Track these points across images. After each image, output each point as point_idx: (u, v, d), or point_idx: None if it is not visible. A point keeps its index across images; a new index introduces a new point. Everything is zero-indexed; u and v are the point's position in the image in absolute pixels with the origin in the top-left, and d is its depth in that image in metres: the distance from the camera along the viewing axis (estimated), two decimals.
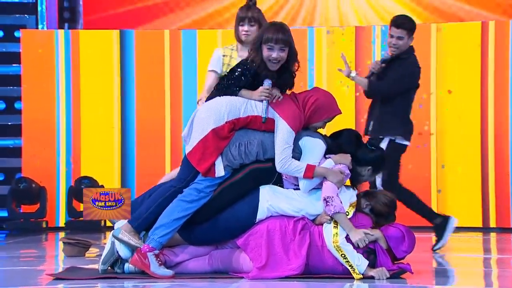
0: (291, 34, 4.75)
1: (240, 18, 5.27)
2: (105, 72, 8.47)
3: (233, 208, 4.70)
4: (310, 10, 8.92)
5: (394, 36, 6.00)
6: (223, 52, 5.36)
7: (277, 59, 4.70)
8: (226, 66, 5.29)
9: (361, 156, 4.85)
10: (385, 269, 4.56)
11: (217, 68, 5.34)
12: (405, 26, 6.00)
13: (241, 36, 5.28)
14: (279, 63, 4.73)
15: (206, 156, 4.62)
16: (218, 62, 5.35)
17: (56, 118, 8.47)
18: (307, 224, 4.67)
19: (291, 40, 4.73)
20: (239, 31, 5.28)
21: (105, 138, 8.46)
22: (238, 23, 5.29)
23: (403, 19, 6.11)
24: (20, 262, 5.73)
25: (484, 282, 4.84)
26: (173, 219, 4.62)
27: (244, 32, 5.26)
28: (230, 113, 4.67)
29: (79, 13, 9.06)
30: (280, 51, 4.69)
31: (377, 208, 4.77)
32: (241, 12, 5.28)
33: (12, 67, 8.74)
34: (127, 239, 4.66)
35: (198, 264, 4.75)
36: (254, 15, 5.25)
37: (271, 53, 4.69)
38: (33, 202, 8.34)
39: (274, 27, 4.74)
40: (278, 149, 4.66)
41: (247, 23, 5.24)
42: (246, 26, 5.25)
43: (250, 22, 5.24)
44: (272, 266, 4.60)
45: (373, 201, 4.78)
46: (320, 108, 4.77)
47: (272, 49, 4.69)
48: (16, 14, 8.90)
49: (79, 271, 4.91)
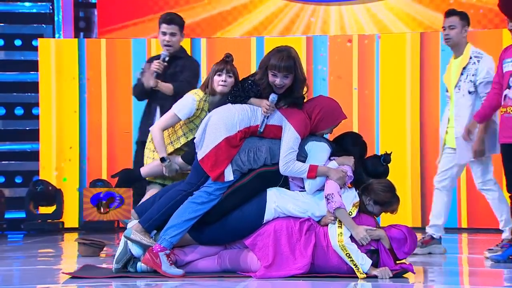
0: (296, 60, 4.78)
1: (218, 69, 5.19)
2: (125, 78, 8.55)
3: (242, 209, 4.79)
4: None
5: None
6: (197, 105, 5.24)
7: (281, 85, 4.80)
8: (195, 117, 5.28)
9: (372, 168, 4.96)
10: (388, 269, 4.63)
11: (184, 117, 5.25)
12: (175, 21, 5.68)
13: (217, 86, 5.18)
14: (284, 88, 4.82)
15: (218, 164, 4.73)
16: (190, 113, 5.24)
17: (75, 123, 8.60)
18: (313, 225, 4.75)
19: (296, 66, 4.76)
20: (215, 81, 5.19)
21: (122, 143, 8.54)
22: (214, 74, 5.20)
23: (174, 16, 5.77)
24: (37, 261, 5.81)
25: (490, 281, 4.88)
26: (184, 220, 4.72)
27: (222, 82, 5.16)
28: (242, 122, 4.78)
29: (94, 23, 9.18)
30: (283, 78, 4.78)
31: (379, 198, 4.82)
32: (219, 65, 5.22)
33: (29, 74, 8.86)
34: (139, 239, 4.76)
35: (208, 263, 4.84)
36: (233, 68, 5.20)
37: (275, 79, 4.79)
38: (50, 204, 8.45)
39: (279, 54, 4.78)
40: (283, 152, 4.77)
41: (225, 74, 5.16)
42: (224, 76, 5.16)
43: (228, 73, 5.17)
44: (279, 265, 4.68)
45: (372, 194, 4.83)
46: (326, 116, 4.88)
47: (276, 76, 4.78)
48: (33, 24, 9.01)
49: (93, 270, 5.00)
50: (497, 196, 5.89)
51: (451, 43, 5.93)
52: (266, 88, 4.82)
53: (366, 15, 8.77)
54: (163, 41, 5.67)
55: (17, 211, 8.67)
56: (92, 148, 8.60)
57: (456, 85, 5.91)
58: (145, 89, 5.70)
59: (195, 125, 5.32)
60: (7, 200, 8.64)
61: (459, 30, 5.89)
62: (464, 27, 5.92)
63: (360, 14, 8.75)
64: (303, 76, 4.84)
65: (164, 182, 5.45)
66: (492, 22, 8.44)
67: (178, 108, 5.29)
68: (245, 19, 8.88)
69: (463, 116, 5.86)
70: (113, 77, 8.58)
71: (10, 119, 8.93)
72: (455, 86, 5.92)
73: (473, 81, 5.85)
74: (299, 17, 8.87)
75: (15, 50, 8.96)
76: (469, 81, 5.86)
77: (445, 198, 6.08)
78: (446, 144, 6.05)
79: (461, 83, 5.90)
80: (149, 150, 5.50)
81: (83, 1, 9.35)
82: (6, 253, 6.66)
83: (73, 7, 9.10)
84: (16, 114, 8.95)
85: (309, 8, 8.85)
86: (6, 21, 8.97)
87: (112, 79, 8.60)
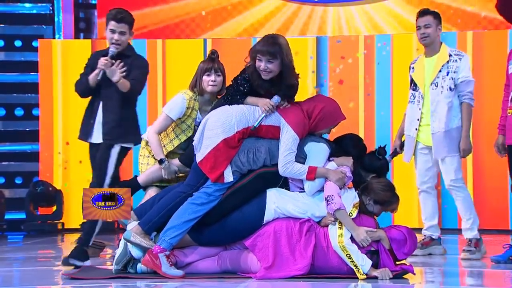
0: (283, 47, 4.79)
1: (206, 68, 5.20)
2: None
3: (241, 210, 4.81)
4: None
5: None
6: (188, 104, 5.27)
7: (266, 70, 4.81)
8: (186, 117, 5.30)
9: (368, 162, 4.98)
10: (388, 270, 4.65)
11: (176, 117, 5.27)
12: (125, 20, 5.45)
13: (207, 86, 5.21)
14: (270, 74, 4.83)
15: (217, 165, 4.75)
16: (181, 112, 5.27)
17: (71, 124, 8.60)
18: (313, 225, 4.77)
19: (282, 53, 4.78)
20: (205, 81, 5.21)
21: None
22: (202, 74, 5.21)
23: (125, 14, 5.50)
24: (37, 262, 5.81)
25: (491, 282, 4.91)
26: (184, 221, 4.73)
27: (212, 82, 5.20)
28: (240, 123, 4.79)
29: (94, 23, 9.19)
30: (267, 62, 4.79)
31: (378, 197, 4.83)
32: (206, 64, 5.22)
33: (29, 75, 8.86)
34: (139, 241, 4.77)
35: (208, 264, 4.85)
36: (220, 66, 5.21)
37: (260, 63, 4.81)
38: (50, 204, 8.45)
39: (264, 39, 4.84)
40: (282, 153, 4.78)
41: (214, 73, 5.20)
42: (213, 76, 5.20)
43: (217, 72, 5.20)
44: (279, 266, 4.69)
45: (372, 193, 4.84)
46: (326, 116, 4.89)
47: (261, 60, 4.80)
48: (34, 24, 9.03)
49: (93, 271, 5.01)
50: (466, 195, 5.93)
51: (428, 41, 5.98)
52: (254, 72, 4.84)
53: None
54: (111, 39, 5.39)
55: (17, 212, 8.67)
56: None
57: (432, 82, 5.94)
58: (90, 86, 5.40)
59: (187, 125, 5.32)
60: (7, 200, 8.65)
61: (434, 28, 5.97)
62: (438, 26, 6.00)
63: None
64: (290, 62, 4.84)
65: (161, 184, 5.45)
66: (493, 23, 8.46)
67: (168, 108, 5.30)
68: (243, 18, 8.91)
69: (441, 113, 5.89)
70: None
71: (10, 120, 8.94)
72: (431, 83, 5.94)
73: (454, 78, 5.89)
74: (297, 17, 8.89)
75: (15, 51, 8.96)
76: (450, 78, 5.90)
77: (433, 198, 6.12)
78: (420, 142, 6.04)
79: (438, 80, 5.92)
80: (143, 156, 5.52)
81: (83, 2, 9.36)
82: (6, 254, 6.67)
83: (73, 8, 9.11)
84: (16, 115, 8.96)
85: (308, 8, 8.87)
86: (6, 22, 8.98)
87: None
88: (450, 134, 5.89)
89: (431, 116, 5.94)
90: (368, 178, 4.95)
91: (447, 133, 5.89)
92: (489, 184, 7.94)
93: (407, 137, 6.11)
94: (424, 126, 6.01)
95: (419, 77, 6.04)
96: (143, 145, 5.52)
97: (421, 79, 6.03)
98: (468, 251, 5.80)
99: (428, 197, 6.10)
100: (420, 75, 6.04)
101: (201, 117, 5.29)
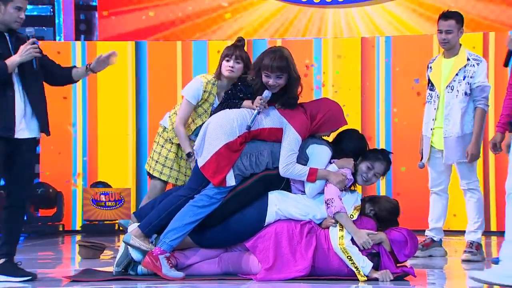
0: (289, 60, 4.79)
1: (226, 54, 5.20)
2: (120, 81, 8.58)
3: (243, 212, 4.81)
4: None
5: None
6: (204, 87, 5.25)
7: (274, 85, 4.81)
8: (203, 101, 5.27)
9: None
10: (389, 272, 4.65)
11: (194, 100, 5.24)
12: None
13: (225, 71, 5.20)
14: (278, 87, 4.83)
15: (220, 169, 4.74)
16: (198, 95, 5.24)
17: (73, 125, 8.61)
18: (314, 227, 4.77)
19: (289, 66, 4.78)
20: (223, 66, 5.21)
21: (120, 145, 8.57)
22: (223, 59, 5.22)
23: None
24: (37, 264, 5.80)
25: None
26: (185, 224, 4.73)
27: (229, 67, 5.18)
28: (241, 127, 4.78)
29: (95, 25, 9.20)
30: (276, 78, 4.80)
31: (381, 214, 4.86)
32: (228, 50, 5.22)
33: None
34: (138, 245, 4.77)
35: (208, 266, 4.86)
36: (242, 54, 5.20)
37: (268, 80, 4.81)
38: (50, 206, 8.46)
39: (271, 55, 4.80)
40: (284, 154, 4.78)
41: (234, 60, 5.18)
42: (232, 62, 5.18)
43: (237, 59, 5.18)
44: (279, 268, 4.69)
45: (377, 207, 4.87)
46: (329, 120, 4.90)
47: (269, 77, 4.80)
48: (34, 26, 9.01)
49: (94, 273, 5.02)
50: (479, 198, 5.92)
51: (447, 46, 5.93)
52: (260, 89, 4.83)
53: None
54: (18, 17, 4.80)
55: None
56: (91, 150, 8.60)
57: (448, 84, 5.92)
58: (6, 75, 4.74)
59: (204, 109, 5.27)
60: None
61: (455, 33, 5.90)
62: (460, 29, 5.93)
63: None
64: (297, 75, 4.85)
65: (176, 183, 5.39)
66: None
67: (186, 92, 5.27)
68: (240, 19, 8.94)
69: (455, 117, 5.87)
70: (110, 80, 8.58)
71: None
72: (447, 85, 5.92)
73: (470, 83, 5.86)
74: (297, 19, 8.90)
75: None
76: (466, 83, 5.86)
77: (443, 201, 6.10)
78: (433, 147, 6.03)
79: (454, 83, 5.89)
80: (157, 143, 5.42)
81: (83, 4, 9.38)
82: None
83: (73, 9, 9.13)
84: None
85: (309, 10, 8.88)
86: None
87: (109, 82, 8.60)
88: (464, 140, 5.85)
89: (444, 119, 5.91)
90: (371, 174, 4.89)
91: (461, 138, 5.85)
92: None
93: (424, 137, 6.08)
94: (436, 129, 5.98)
95: (436, 77, 5.99)
96: (159, 131, 5.44)
97: (438, 79, 5.98)
98: (469, 252, 5.79)
99: (438, 200, 6.09)
100: (437, 75, 5.99)
101: (218, 102, 5.24)
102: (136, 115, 8.61)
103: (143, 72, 8.60)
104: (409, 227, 4.93)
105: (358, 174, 4.89)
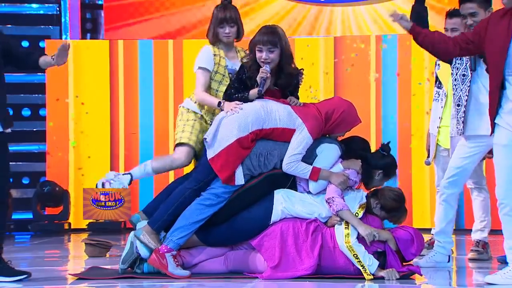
0: (282, 37, 4.83)
1: (220, 20, 5.13)
2: (128, 80, 8.59)
3: (249, 210, 4.82)
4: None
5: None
6: (213, 51, 5.19)
7: (267, 59, 4.82)
8: (217, 66, 5.18)
9: (373, 160, 4.96)
10: (395, 270, 4.64)
11: (209, 66, 5.15)
12: None
13: (223, 38, 5.16)
14: (271, 64, 4.84)
15: (228, 164, 4.74)
16: (210, 61, 5.16)
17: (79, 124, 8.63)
18: (319, 226, 4.77)
19: (282, 41, 4.82)
20: (220, 33, 5.15)
21: (127, 144, 8.59)
22: (217, 25, 5.15)
23: None
24: (44, 262, 5.85)
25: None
26: (191, 222, 4.74)
27: (225, 34, 5.14)
28: (255, 124, 4.79)
29: (101, 24, 9.23)
30: (268, 52, 4.82)
31: (386, 204, 4.84)
32: (219, 13, 5.14)
33: (36, 75, 8.89)
34: (147, 242, 4.77)
35: (214, 264, 4.86)
36: (232, 15, 5.13)
37: (260, 54, 4.83)
38: (57, 204, 8.49)
39: (263, 29, 4.87)
40: (290, 152, 4.78)
41: (227, 25, 5.14)
42: (227, 28, 5.14)
43: (230, 23, 5.13)
44: (285, 266, 4.70)
45: (382, 199, 4.85)
46: (345, 120, 4.90)
47: (261, 51, 4.83)
48: (41, 25, 9.08)
49: (100, 271, 5.03)
50: (486, 197, 5.89)
51: None
52: (253, 64, 4.84)
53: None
54: None
55: (24, 212, 8.71)
56: (98, 148, 8.62)
57: None
58: None
59: (221, 74, 5.17)
60: (14, 201, 8.67)
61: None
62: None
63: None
64: (289, 51, 4.86)
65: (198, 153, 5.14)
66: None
67: (199, 63, 5.17)
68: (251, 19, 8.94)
69: None
70: (117, 78, 8.60)
71: (17, 120, 8.91)
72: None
73: None
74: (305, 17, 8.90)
75: None
76: None
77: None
78: (439, 145, 6.00)
79: None
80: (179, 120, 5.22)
81: (90, 3, 9.40)
82: (13, 254, 6.66)
83: (80, 8, 9.15)
84: (23, 115, 9.00)
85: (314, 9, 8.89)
86: (13, 23, 9.02)
87: (116, 80, 8.61)
88: None
89: (451, 118, 5.89)
90: (376, 176, 4.93)
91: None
92: None
93: (431, 135, 6.06)
94: (443, 128, 5.95)
95: (444, 75, 5.95)
96: (183, 112, 5.24)
97: (445, 77, 5.94)
98: (476, 251, 5.78)
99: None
100: (445, 73, 5.93)
101: (231, 63, 5.21)
102: (141, 113, 8.62)
103: (148, 70, 8.60)
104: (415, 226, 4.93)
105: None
